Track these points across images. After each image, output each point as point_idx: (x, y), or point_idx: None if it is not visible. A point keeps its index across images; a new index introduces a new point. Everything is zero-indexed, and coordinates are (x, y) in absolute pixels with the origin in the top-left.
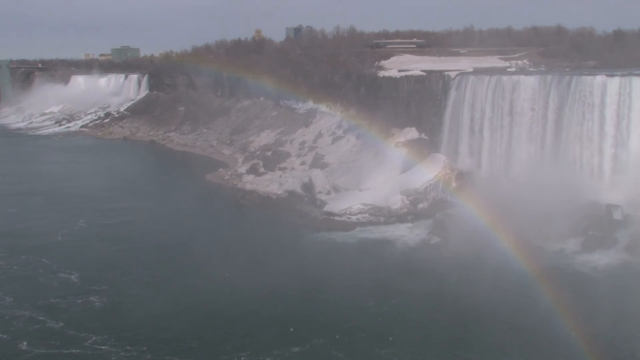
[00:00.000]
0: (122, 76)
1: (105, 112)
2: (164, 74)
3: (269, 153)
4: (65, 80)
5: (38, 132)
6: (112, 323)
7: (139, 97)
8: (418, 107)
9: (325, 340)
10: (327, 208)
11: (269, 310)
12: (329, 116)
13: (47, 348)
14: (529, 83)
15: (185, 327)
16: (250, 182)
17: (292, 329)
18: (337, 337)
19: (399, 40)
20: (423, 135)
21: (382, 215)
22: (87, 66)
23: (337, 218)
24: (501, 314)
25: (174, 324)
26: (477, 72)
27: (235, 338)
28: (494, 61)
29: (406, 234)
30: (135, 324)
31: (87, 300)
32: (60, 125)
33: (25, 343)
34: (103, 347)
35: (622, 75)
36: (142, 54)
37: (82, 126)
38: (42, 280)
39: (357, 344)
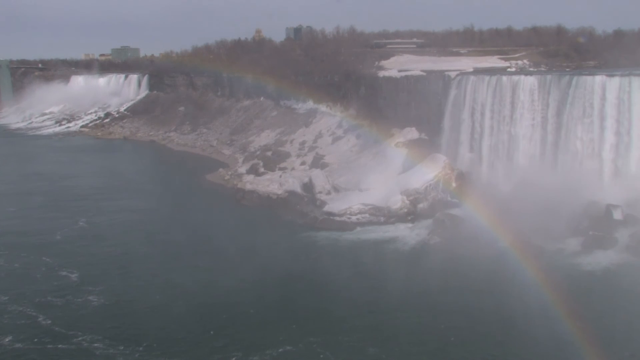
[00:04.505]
0: (122, 76)
1: (105, 112)
2: (164, 74)
3: (269, 153)
4: (65, 80)
5: (38, 132)
6: (109, 322)
7: (139, 97)
8: (418, 107)
9: (319, 339)
10: (327, 208)
11: (265, 310)
12: (329, 116)
13: (41, 345)
14: (529, 83)
15: (179, 326)
16: (250, 182)
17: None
18: (331, 336)
19: (399, 40)
20: (423, 135)
21: (382, 215)
22: (87, 66)
23: (337, 218)
24: (500, 314)
25: (169, 323)
26: (477, 72)
27: (228, 337)
28: (494, 61)
29: (406, 234)
30: (131, 323)
31: (86, 299)
32: (60, 125)
33: (14, 339)
34: (96, 345)
35: (622, 75)
36: (142, 54)
37: (82, 126)
38: (42, 279)
39: (352, 343)
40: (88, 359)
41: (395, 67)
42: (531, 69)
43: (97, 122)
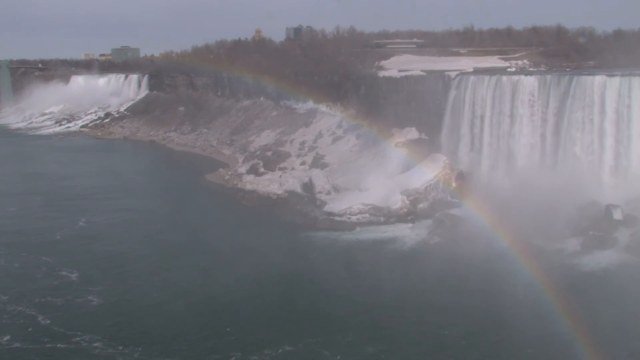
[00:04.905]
0: (122, 76)
1: (105, 112)
2: (164, 74)
3: (269, 153)
4: (65, 80)
5: (38, 132)
6: (108, 321)
7: (139, 97)
8: (418, 107)
9: (319, 339)
10: (327, 208)
11: (264, 309)
12: (329, 116)
13: (40, 345)
14: (529, 83)
15: (179, 325)
16: (250, 182)
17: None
18: (330, 336)
19: (399, 40)
20: (423, 135)
21: (382, 215)
22: (87, 66)
23: (337, 218)
24: (499, 314)
25: (168, 322)
26: (477, 72)
27: (227, 336)
28: (494, 61)
29: (406, 234)
30: (131, 322)
31: (86, 299)
32: (60, 125)
33: (13, 338)
34: (95, 345)
35: (622, 75)
36: (142, 54)
37: (82, 126)
38: (42, 279)
39: (351, 343)
40: (87, 358)
41: (395, 67)
42: (531, 69)
43: (97, 122)
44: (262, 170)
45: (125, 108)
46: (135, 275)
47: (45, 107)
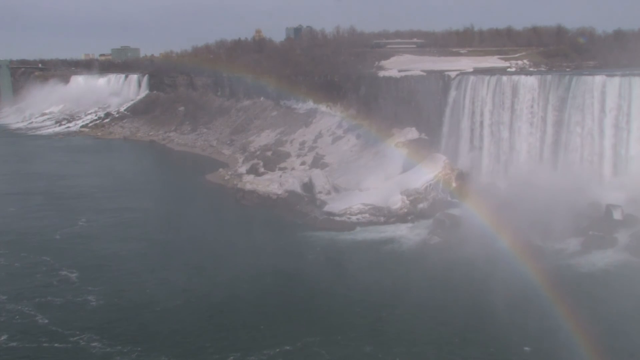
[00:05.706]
0: (122, 76)
1: (105, 112)
2: (164, 74)
3: (269, 153)
4: (65, 80)
5: (38, 132)
6: (107, 321)
7: (139, 97)
8: (418, 107)
9: (318, 339)
10: (327, 208)
11: (263, 309)
12: (329, 116)
13: (38, 344)
14: (529, 83)
15: (178, 326)
16: (250, 182)
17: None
18: (329, 336)
19: (399, 40)
20: (423, 135)
21: (382, 215)
22: (87, 66)
23: (337, 218)
24: (500, 314)
25: (167, 322)
26: (477, 72)
27: (226, 336)
28: (494, 61)
29: (406, 234)
30: (130, 322)
31: (85, 298)
32: (60, 125)
33: (11, 337)
34: (94, 344)
35: (622, 75)
36: (142, 54)
37: (82, 126)
38: (41, 278)
39: (349, 342)
40: (86, 357)
41: (395, 67)
42: (531, 69)
43: (97, 122)
44: (262, 170)
45: (125, 108)
46: (135, 274)
47: (45, 107)
